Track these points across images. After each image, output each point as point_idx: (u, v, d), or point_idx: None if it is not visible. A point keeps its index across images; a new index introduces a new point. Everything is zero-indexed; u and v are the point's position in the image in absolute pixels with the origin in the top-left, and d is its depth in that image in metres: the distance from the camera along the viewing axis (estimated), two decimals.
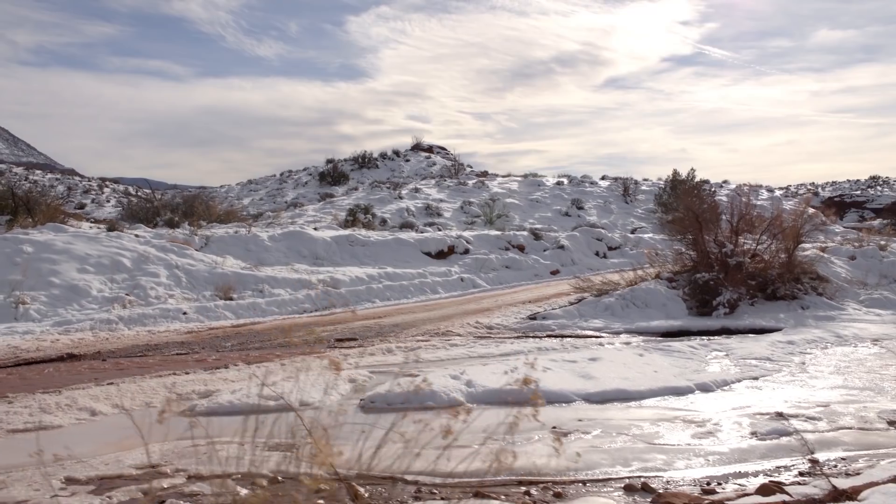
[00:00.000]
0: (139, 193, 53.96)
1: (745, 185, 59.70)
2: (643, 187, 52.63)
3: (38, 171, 76.02)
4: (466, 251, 25.45)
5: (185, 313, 15.23)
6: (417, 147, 70.95)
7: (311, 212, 36.03)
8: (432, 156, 69.53)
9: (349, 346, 12.60)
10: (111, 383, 8.64)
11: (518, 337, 14.06)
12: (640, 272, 18.93)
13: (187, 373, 9.53)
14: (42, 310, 14.40)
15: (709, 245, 17.79)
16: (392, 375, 9.44)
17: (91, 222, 26.58)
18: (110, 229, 20.01)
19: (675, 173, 45.80)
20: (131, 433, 6.72)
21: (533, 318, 16.22)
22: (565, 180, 52.04)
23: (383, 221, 32.58)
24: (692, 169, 45.47)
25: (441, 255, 24.62)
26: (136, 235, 19.46)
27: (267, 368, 9.72)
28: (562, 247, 28.16)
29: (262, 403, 7.68)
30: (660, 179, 56.47)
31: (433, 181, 48.09)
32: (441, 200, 40.83)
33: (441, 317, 16.50)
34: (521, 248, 27.33)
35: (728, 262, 17.50)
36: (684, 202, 20.62)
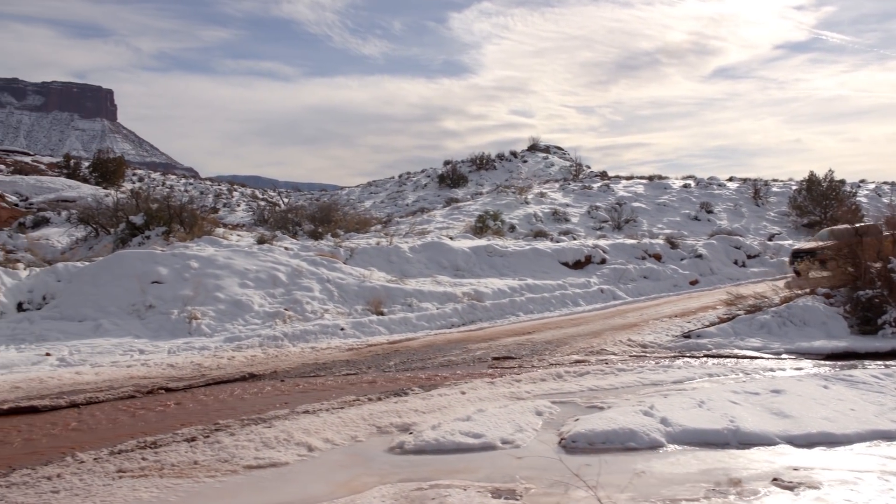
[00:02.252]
0: (266, 197, 55.83)
1: (885, 184, 56.41)
2: (774, 188, 50.54)
3: (172, 176, 79.79)
4: (603, 261, 25.10)
5: (342, 329, 15.63)
6: (534, 147, 70.59)
7: (438, 218, 36.39)
8: (549, 156, 69.02)
9: (508, 367, 12.60)
10: (307, 412, 8.92)
11: (675, 356, 13.77)
12: (796, 289, 18.27)
13: (371, 399, 9.74)
14: (212, 325, 15.08)
15: (869, 260, 16.95)
16: (574, 406, 9.36)
17: (230, 229, 27.61)
18: (260, 242, 20.74)
19: (812, 175, 43.69)
20: (354, 472, 6.95)
21: (687, 336, 15.85)
22: (692, 182, 50.55)
23: (512, 228, 32.56)
24: (830, 171, 43.22)
25: (578, 266, 24.37)
26: (286, 248, 20.12)
27: (445, 399, 9.83)
28: (699, 256, 27.38)
29: (464, 441, 7.79)
30: (790, 180, 54.13)
31: (557, 184, 47.65)
32: (567, 205, 40.43)
33: (590, 333, 16.31)
34: (657, 258, 26.74)
35: (892, 278, 16.58)
36: (843, 217, 20.01)
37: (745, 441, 7.79)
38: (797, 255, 25.06)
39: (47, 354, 12.94)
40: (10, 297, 15.90)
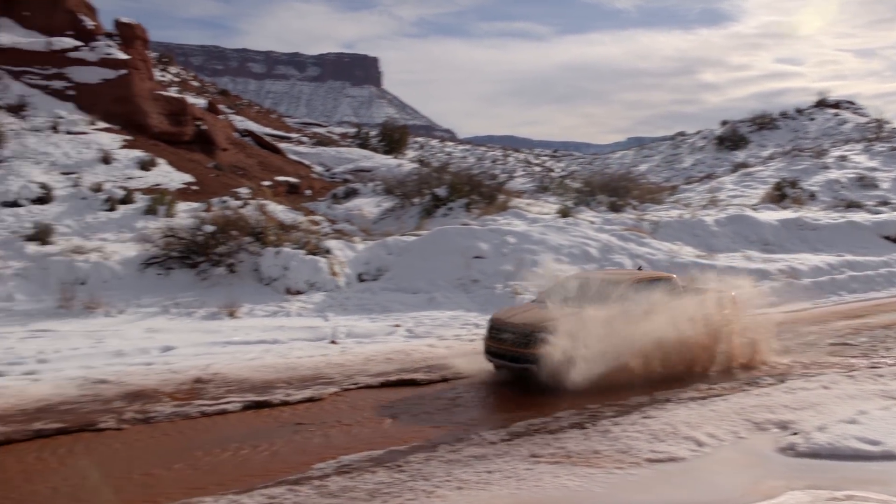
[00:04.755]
0: (540, 162, 56.52)
1: None
2: None
3: (449, 144, 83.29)
4: None
5: None
6: (822, 104, 64.78)
7: (728, 185, 34.78)
8: (841, 112, 63.02)
9: (853, 356, 11.86)
10: (669, 400, 9.06)
11: None
12: None
13: (734, 390, 9.61)
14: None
15: None
16: None
17: (515, 197, 28.19)
18: (563, 215, 21.08)
19: None
20: (756, 473, 6.95)
21: None
22: None
23: (812, 196, 30.28)
24: None
25: None
26: (590, 222, 20.28)
27: (810, 393, 9.46)
28: None
29: (862, 448, 7.47)
30: None
31: (859, 146, 43.40)
32: (874, 169, 36.78)
33: None
34: None
35: None
36: None
37: None
38: None
39: (396, 325, 14.17)
40: (351, 268, 17.59)
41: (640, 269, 13.63)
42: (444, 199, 24.93)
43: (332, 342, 12.97)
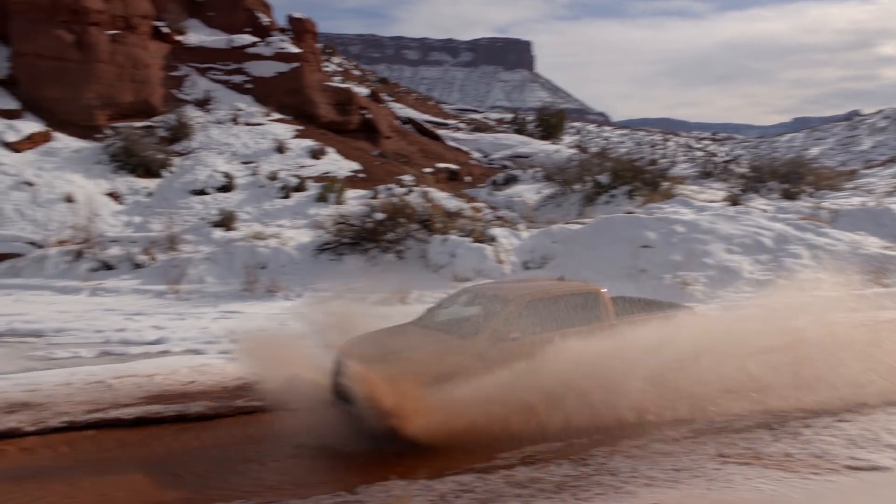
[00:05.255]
0: (702, 147, 54.57)
1: None
2: None
3: (606, 128, 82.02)
4: None
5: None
6: None
7: None
8: None
9: None
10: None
11: None
12: None
13: None
14: (704, 291, 15.22)
15: None
16: None
17: (678, 183, 27.35)
18: (732, 203, 20.33)
19: None
20: None
21: None
22: None
23: None
24: None
25: None
26: (763, 210, 19.43)
27: None
28: None
29: None
30: None
31: None
32: None
33: None
34: None
35: None
36: None
37: None
38: None
39: None
40: (517, 256, 17.75)
41: (561, 279, 9.69)
42: (607, 186, 24.63)
43: None
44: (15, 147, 22.75)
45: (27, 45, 24.97)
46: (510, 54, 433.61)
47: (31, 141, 23.31)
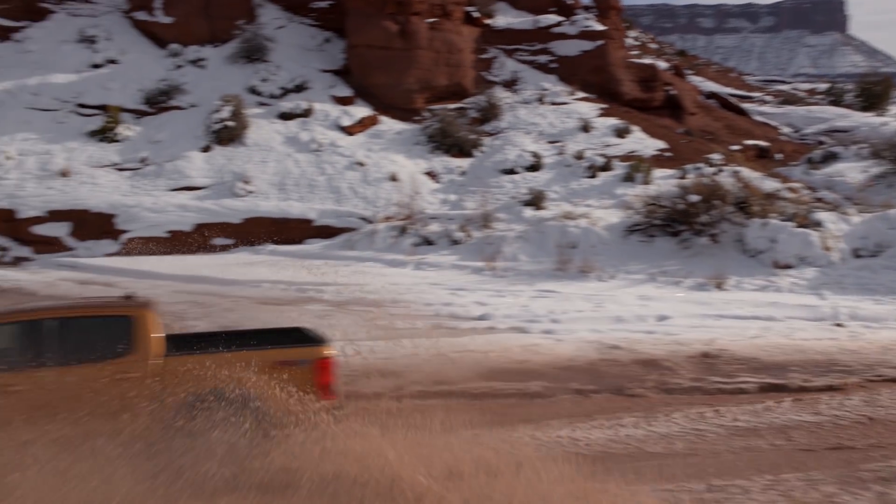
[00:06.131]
0: None
1: None
2: None
3: None
4: None
5: None
6: None
7: None
8: None
9: None
10: None
11: None
12: None
13: None
14: None
15: None
16: None
17: None
18: None
19: None
20: None
21: None
22: None
23: None
24: None
25: None
26: None
27: None
28: None
29: None
30: None
31: None
32: None
33: None
34: None
35: None
36: None
37: None
38: None
39: None
40: (846, 242, 16.35)
41: (128, 297, 7.03)
42: None
43: (837, 325, 12.24)
44: (349, 130, 25.20)
45: (360, 37, 27.42)
46: (819, 15, 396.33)
47: (362, 125, 25.70)
